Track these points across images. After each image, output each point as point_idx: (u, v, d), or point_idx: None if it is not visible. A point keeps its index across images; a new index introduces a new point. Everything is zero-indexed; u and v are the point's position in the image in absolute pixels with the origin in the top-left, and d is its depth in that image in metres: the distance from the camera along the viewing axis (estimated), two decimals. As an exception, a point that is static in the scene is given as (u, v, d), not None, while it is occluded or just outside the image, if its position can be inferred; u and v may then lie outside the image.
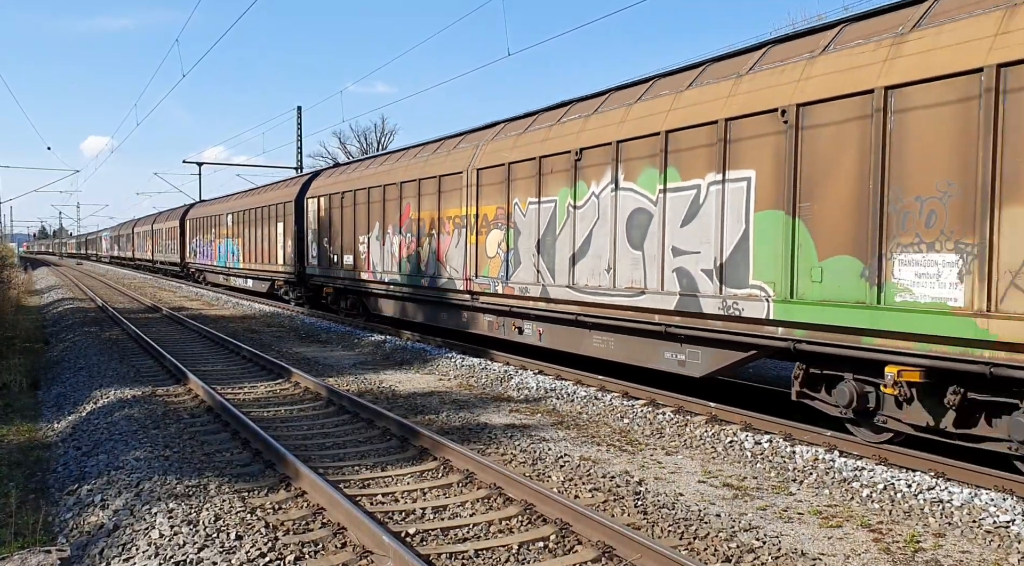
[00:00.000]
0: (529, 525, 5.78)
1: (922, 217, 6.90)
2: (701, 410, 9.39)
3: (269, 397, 10.78)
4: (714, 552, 5.34)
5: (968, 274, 6.53)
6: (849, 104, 7.46)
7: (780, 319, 8.14)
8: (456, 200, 14.52)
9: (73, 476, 7.24)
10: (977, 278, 6.45)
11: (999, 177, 6.30)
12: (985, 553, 5.44)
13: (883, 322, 7.14)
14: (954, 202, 6.64)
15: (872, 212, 7.23)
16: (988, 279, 6.40)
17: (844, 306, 7.49)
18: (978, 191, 6.42)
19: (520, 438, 8.41)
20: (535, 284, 12.21)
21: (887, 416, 7.51)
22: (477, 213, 13.83)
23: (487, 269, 13.58)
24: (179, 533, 5.45)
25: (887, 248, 7.16)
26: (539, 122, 12.76)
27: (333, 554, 5.24)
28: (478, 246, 13.82)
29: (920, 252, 6.91)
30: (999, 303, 6.33)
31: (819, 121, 7.75)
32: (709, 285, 9.01)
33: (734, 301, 8.67)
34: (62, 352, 15.45)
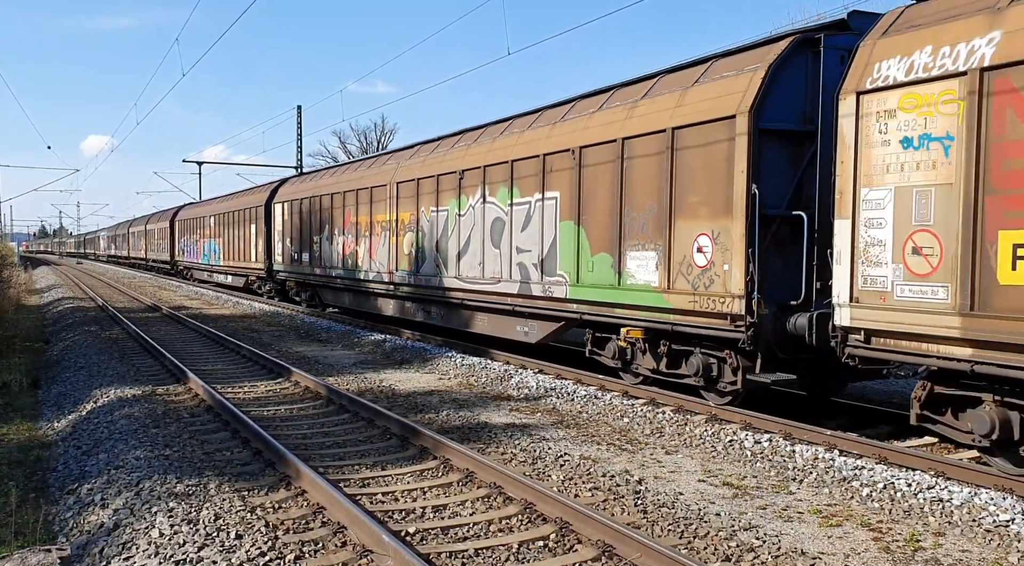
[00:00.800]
0: (529, 524, 5.79)
1: (639, 227, 10.14)
2: (701, 409, 9.39)
3: (269, 396, 10.78)
4: (714, 551, 5.35)
5: (660, 264, 9.80)
6: (606, 149, 10.69)
7: (573, 298, 11.42)
8: (383, 208, 17.58)
9: (73, 475, 7.25)
10: (663, 267, 9.73)
11: (673, 202, 9.55)
12: (985, 552, 5.44)
13: (621, 298, 10.44)
14: (654, 217, 9.88)
15: (616, 223, 10.50)
16: (668, 268, 9.67)
17: (603, 287, 10.79)
18: (664, 211, 9.66)
19: (520, 437, 8.41)
20: (435, 276, 15.30)
21: (638, 364, 10.57)
22: (397, 218, 16.90)
23: (403, 264, 16.68)
24: (179, 532, 5.45)
25: (624, 247, 10.39)
26: (441, 146, 15.88)
27: (333, 553, 5.24)
28: (398, 246, 16.89)
29: (639, 250, 10.15)
30: (673, 283, 9.62)
31: (591, 160, 11.03)
32: (536, 275, 12.24)
33: (549, 286, 11.95)
34: (62, 351, 15.45)
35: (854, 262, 7.45)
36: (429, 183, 15.50)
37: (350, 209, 19.33)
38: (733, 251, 8.74)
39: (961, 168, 6.57)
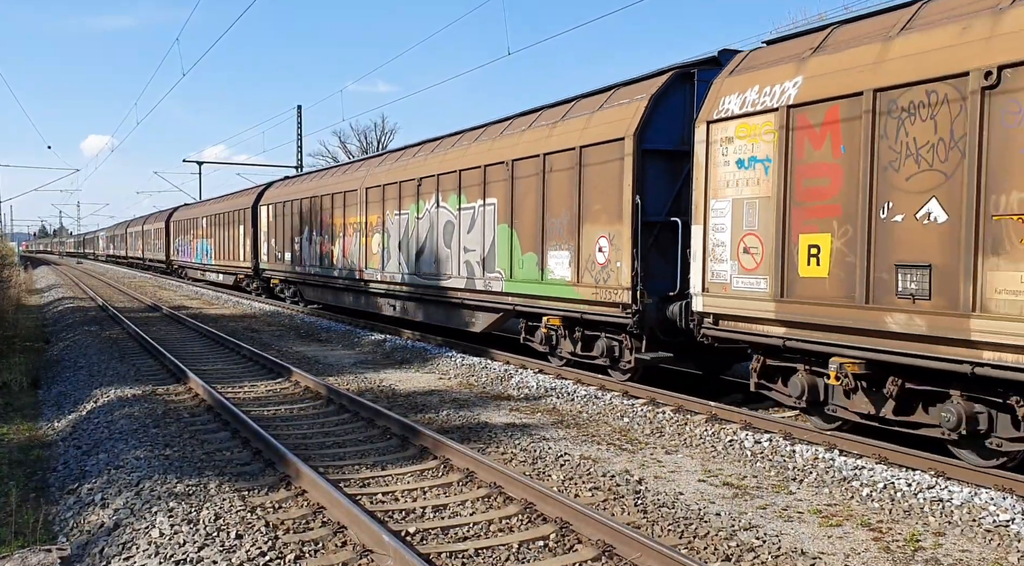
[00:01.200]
0: (529, 524, 5.79)
1: (557, 230, 11.81)
2: (701, 409, 9.39)
3: (269, 396, 10.78)
4: (714, 551, 5.35)
5: (572, 262, 11.47)
6: (532, 163, 12.35)
7: (507, 291, 13.04)
8: (354, 211, 19.14)
9: (73, 475, 7.25)
10: (574, 264, 11.41)
11: (581, 210, 11.22)
12: (985, 552, 5.44)
13: (544, 291, 12.12)
14: (568, 222, 11.55)
15: (539, 227, 12.16)
16: (577, 265, 11.35)
17: (531, 282, 12.41)
18: (575, 217, 11.32)
19: (520, 437, 8.41)
20: (398, 273, 16.95)
21: (561, 349, 12.21)
22: (366, 221, 18.46)
23: (373, 262, 18.17)
24: (179, 532, 5.46)
25: (546, 247, 12.07)
26: (404, 156, 17.64)
27: (333, 553, 5.24)
28: (367, 246, 18.42)
29: (557, 250, 11.84)
30: (581, 278, 11.28)
31: (521, 172, 12.67)
32: (479, 271, 13.81)
33: (489, 281, 13.55)
34: (62, 351, 15.45)
35: (705, 260, 9.09)
36: (393, 189, 17.10)
37: (326, 212, 20.89)
38: (623, 251, 10.44)
39: (775, 185, 8.16)
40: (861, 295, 7.30)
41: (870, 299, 7.24)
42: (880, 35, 7.43)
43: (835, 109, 7.63)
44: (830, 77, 7.70)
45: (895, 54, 7.14)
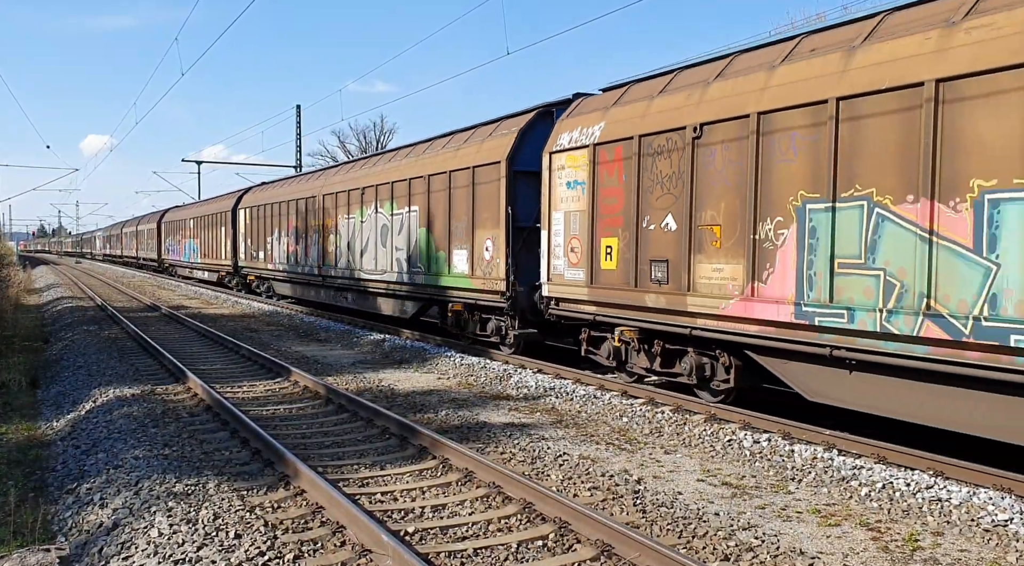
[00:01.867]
0: (528, 524, 5.79)
1: (459, 233, 14.45)
2: (700, 409, 9.39)
3: (268, 396, 10.78)
4: (713, 551, 5.35)
5: (469, 259, 14.10)
6: (441, 178, 15.03)
7: (425, 283, 15.75)
8: (314, 215, 21.92)
9: (72, 475, 7.24)
10: (470, 261, 14.05)
11: (475, 217, 13.91)
12: (983, 552, 5.45)
13: (450, 282, 14.77)
14: (466, 227, 14.14)
15: (447, 230, 14.81)
16: (472, 261, 14.00)
17: (442, 275, 15.03)
18: (470, 222, 14.05)
19: (519, 437, 8.41)
20: (347, 269, 19.57)
21: (466, 330, 14.81)
22: (323, 224, 21.17)
23: (329, 260, 20.88)
24: (178, 532, 5.45)
25: (451, 247, 14.68)
26: (355, 168, 20.44)
27: (332, 553, 5.24)
28: (324, 245, 21.22)
29: (459, 249, 14.45)
30: (475, 271, 13.91)
31: (435, 186, 15.35)
32: (407, 267, 16.52)
33: (412, 275, 16.23)
34: (61, 351, 15.44)
35: (549, 256, 11.91)
36: (343, 196, 19.79)
37: (292, 215, 23.69)
38: (501, 250, 13.20)
39: (587, 202, 10.99)
40: (632, 281, 10.17)
41: (637, 284, 10.08)
42: (647, 96, 10.24)
43: (620, 148, 10.38)
44: (619, 124, 10.43)
45: (653, 110, 9.90)
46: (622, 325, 10.43)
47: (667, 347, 9.97)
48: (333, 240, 20.44)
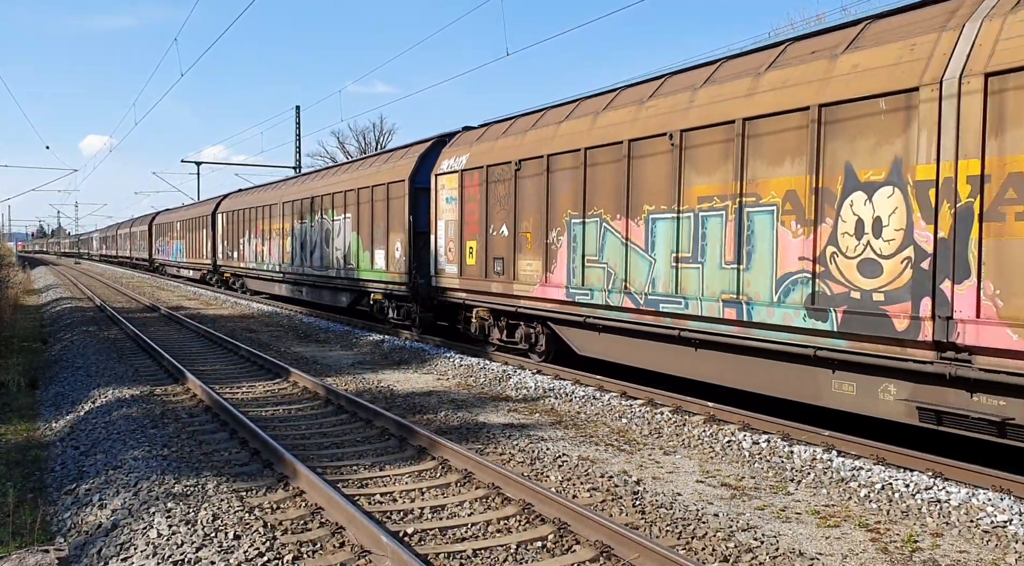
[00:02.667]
0: (527, 525, 5.79)
1: (378, 236, 17.64)
2: (699, 410, 9.39)
3: (267, 396, 10.77)
4: (712, 552, 5.35)
5: (386, 257, 17.27)
6: (366, 191, 18.34)
7: (358, 278, 18.88)
8: (276, 220, 25.29)
9: (71, 475, 7.24)
10: (386, 258, 17.30)
11: (389, 223, 17.10)
12: (983, 553, 5.45)
13: (373, 276, 17.98)
14: (383, 230, 17.39)
15: (371, 234, 18.04)
16: (387, 258, 17.22)
17: (367, 270, 18.29)
18: (386, 228, 17.23)
19: (518, 437, 8.41)
20: (301, 266, 22.99)
21: (388, 315, 17.93)
22: (283, 227, 24.69)
23: (287, 259, 24.20)
24: (177, 532, 5.45)
25: (373, 247, 17.90)
26: (309, 179, 24.09)
27: (331, 554, 5.24)
28: (283, 246, 24.60)
29: (379, 250, 17.60)
30: (389, 267, 17.05)
31: (362, 198, 18.59)
32: (343, 264, 19.77)
33: (350, 271, 19.41)
34: (60, 351, 15.43)
35: (436, 254, 15.11)
36: (298, 204, 23.08)
37: (260, 220, 27.12)
38: (405, 250, 16.44)
39: (457, 213, 14.26)
40: (484, 273, 13.41)
41: (487, 275, 13.34)
42: (494, 136, 13.60)
43: (477, 174, 13.68)
44: (477, 156, 13.76)
45: (496, 147, 13.29)
46: (479, 306, 13.92)
47: (508, 322, 13.46)
48: (290, 242, 23.85)
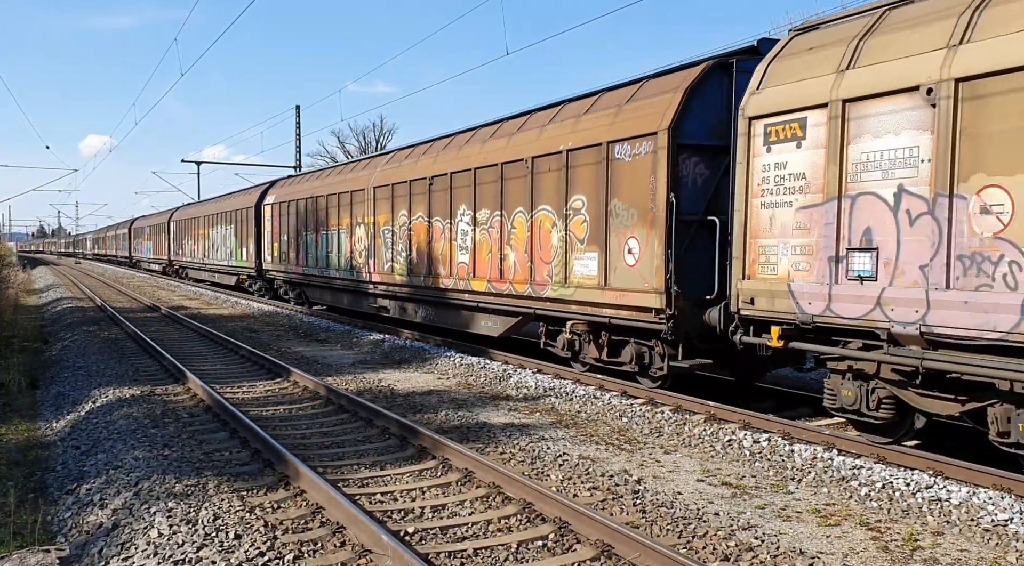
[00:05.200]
0: (528, 524, 5.79)
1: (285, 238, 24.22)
2: (700, 409, 9.39)
3: (268, 396, 10.78)
4: (713, 551, 5.35)
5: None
6: (303, 202, 22.33)
7: (267, 269, 25.72)
8: (245, 229, 28.49)
9: (72, 475, 7.24)
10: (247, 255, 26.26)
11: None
12: (983, 551, 5.45)
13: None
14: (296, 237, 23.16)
15: (301, 237, 22.57)
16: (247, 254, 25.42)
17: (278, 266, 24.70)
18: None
19: (519, 437, 8.41)
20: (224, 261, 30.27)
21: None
22: (206, 233, 32.69)
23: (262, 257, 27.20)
24: (178, 532, 5.45)
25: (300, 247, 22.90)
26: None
27: (332, 553, 5.24)
28: (250, 247, 27.72)
29: (273, 248, 25.21)
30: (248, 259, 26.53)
31: (284, 210, 23.96)
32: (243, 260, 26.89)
33: (286, 267, 23.84)
34: (61, 351, 15.44)
35: (262, 252, 25.30)
36: (208, 219, 30.94)
37: (202, 227, 34.41)
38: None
39: (274, 226, 25.47)
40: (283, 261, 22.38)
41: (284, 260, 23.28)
42: (293, 183, 22.13)
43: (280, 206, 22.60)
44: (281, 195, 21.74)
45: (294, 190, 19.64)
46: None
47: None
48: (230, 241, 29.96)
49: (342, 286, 20.27)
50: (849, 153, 7.41)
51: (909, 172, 6.95)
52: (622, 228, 10.42)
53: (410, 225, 16.15)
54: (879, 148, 7.17)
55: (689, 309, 9.58)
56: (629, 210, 10.26)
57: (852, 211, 7.42)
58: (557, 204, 11.61)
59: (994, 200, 6.37)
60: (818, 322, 7.67)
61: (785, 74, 8.15)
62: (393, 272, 17.06)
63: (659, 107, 9.91)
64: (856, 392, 7.64)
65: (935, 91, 6.63)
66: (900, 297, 6.97)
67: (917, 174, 6.87)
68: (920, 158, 6.86)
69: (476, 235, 13.82)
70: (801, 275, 7.90)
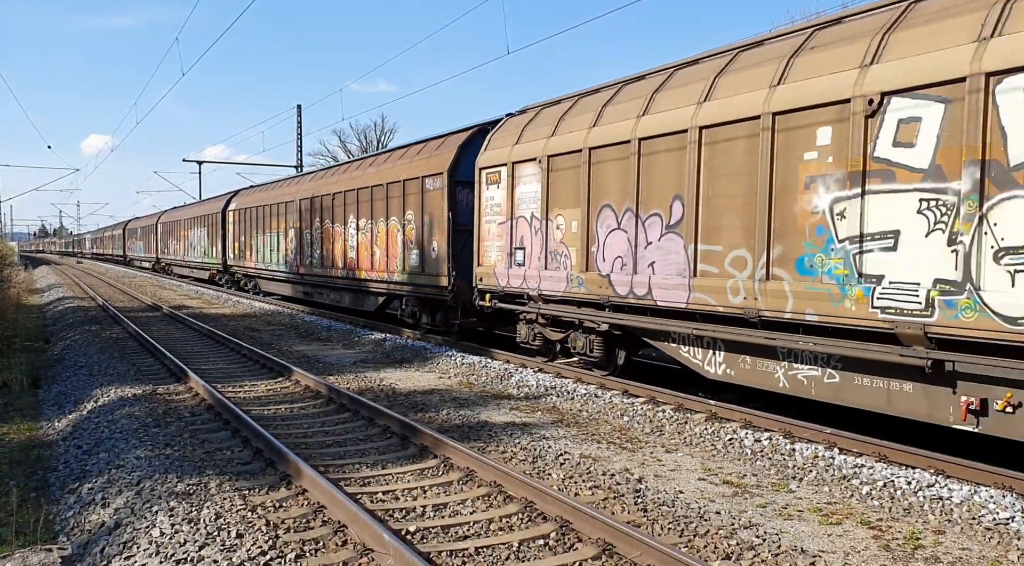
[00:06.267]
0: (529, 523, 5.79)
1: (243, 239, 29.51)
2: (701, 408, 9.39)
3: (270, 395, 10.78)
4: (714, 549, 5.35)
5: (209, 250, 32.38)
6: (254, 209, 27.52)
7: (230, 265, 31.44)
8: (214, 231, 33.10)
9: (74, 474, 7.25)
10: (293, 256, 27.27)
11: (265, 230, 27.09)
12: (985, 550, 5.45)
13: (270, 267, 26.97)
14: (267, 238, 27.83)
15: (253, 238, 27.87)
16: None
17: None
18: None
19: (520, 436, 8.42)
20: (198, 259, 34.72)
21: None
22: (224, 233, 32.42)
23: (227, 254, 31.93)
24: (180, 531, 5.46)
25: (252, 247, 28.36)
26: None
27: (334, 552, 5.25)
28: (218, 246, 32.36)
29: (235, 247, 30.66)
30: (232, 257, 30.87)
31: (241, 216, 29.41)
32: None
33: (243, 263, 29.38)
34: (63, 351, 15.45)
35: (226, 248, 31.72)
36: (187, 222, 33.99)
37: (182, 229, 39.13)
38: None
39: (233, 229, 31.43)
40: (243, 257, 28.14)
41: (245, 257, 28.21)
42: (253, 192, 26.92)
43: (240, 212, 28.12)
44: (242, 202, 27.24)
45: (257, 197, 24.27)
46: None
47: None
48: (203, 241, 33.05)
49: (284, 278, 25.32)
50: (516, 193, 12.54)
51: (535, 205, 12.06)
52: (430, 234, 15.59)
53: (322, 230, 21.41)
54: (525, 191, 12.32)
55: (463, 286, 14.52)
56: (433, 222, 15.48)
57: (515, 226, 12.59)
58: (399, 216, 16.86)
59: (560, 221, 11.54)
60: (506, 291, 12.90)
61: (496, 142, 13.31)
62: (312, 266, 22.18)
63: (446, 156, 15.18)
64: (528, 331, 12.68)
65: (542, 161, 11.81)
66: (532, 275, 12.14)
67: (537, 206, 11.98)
68: (538, 197, 11.94)
69: (359, 237, 18.93)
70: (499, 263, 13.02)
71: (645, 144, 9.88)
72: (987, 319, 6.32)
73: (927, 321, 6.74)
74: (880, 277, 7.16)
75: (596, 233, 10.78)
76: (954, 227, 6.57)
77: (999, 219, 6.29)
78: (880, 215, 7.17)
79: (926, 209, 6.81)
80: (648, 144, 9.84)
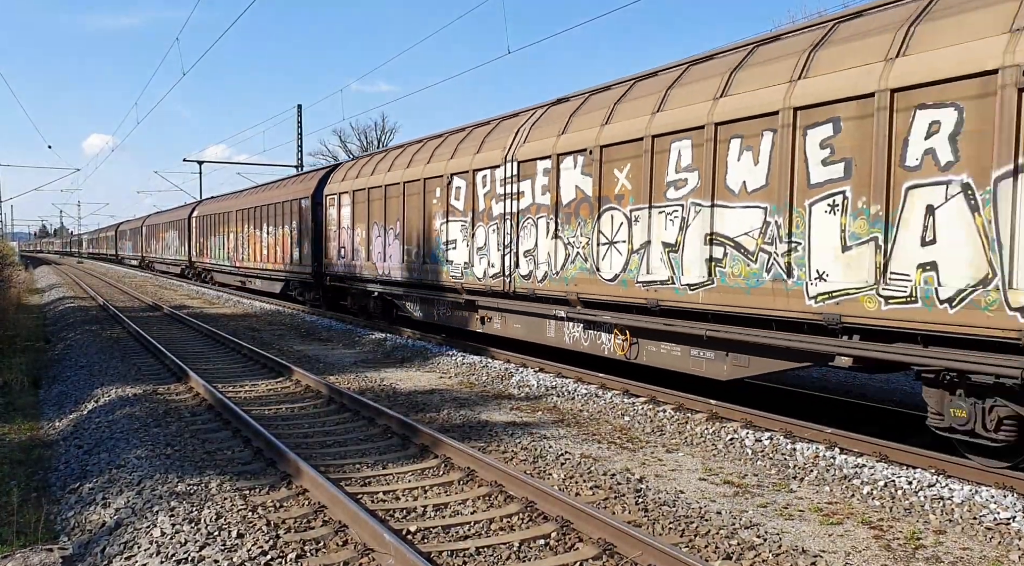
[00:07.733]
0: (530, 522, 5.79)
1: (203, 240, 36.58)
2: (702, 407, 9.39)
3: (270, 395, 10.78)
4: (715, 549, 5.35)
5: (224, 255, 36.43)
6: (209, 216, 35.18)
7: (194, 261, 38.25)
8: (183, 233, 39.27)
9: (75, 474, 7.25)
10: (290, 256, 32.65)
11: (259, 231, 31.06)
12: (986, 550, 5.45)
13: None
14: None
15: (208, 239, 35.00)
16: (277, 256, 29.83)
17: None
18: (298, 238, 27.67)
19: (521, 436, 8.41)
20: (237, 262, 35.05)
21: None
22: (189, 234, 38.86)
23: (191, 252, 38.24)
24: (181, 531, 5.46)
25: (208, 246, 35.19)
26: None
27: (334, 552, 5.25)
28: (186, 246, 38.11)
29: (197, 245, 38.20)
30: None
31: (202, 221, 36.72)
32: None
33: (201, 259, 36.48)
34: (63, 350, 15.45)
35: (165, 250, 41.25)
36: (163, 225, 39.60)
37: (161, 231, 44.74)
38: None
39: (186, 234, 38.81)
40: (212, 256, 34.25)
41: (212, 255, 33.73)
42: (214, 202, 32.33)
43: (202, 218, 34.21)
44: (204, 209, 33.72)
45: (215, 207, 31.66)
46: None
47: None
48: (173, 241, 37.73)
49: (228, 271, 31.61)
50: (341, 212, 19.22)
51: (348, 221, 19.15)
52: (303, 238, 22.18)
53: (248, 233, 27.60)
54: (345, 212, 19.05)
55: (320, 273, 21.02)
56: (305, 229, 21.98)
57: (340, 234, 19.78)
58: (289, 224, 23.52)
59: (360, 231, 18.47)
60: (337, 274, 19.58)
61: (334, 178, 20.38)
62: (245, 260, 28.45)
63: (311, 185, 22.00)
64: (352, 300, 19.54)
65: (351, 195, 18.78)
66: (350, 264, 18.17)
67: (350, 222, 19.09)
68: (351, 216, 19.02)
69: (268, 240, 25.54)
70: (334, 257, 20.00)
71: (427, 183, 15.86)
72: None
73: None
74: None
75: (372, 238, 17.68)
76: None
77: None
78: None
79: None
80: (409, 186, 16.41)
